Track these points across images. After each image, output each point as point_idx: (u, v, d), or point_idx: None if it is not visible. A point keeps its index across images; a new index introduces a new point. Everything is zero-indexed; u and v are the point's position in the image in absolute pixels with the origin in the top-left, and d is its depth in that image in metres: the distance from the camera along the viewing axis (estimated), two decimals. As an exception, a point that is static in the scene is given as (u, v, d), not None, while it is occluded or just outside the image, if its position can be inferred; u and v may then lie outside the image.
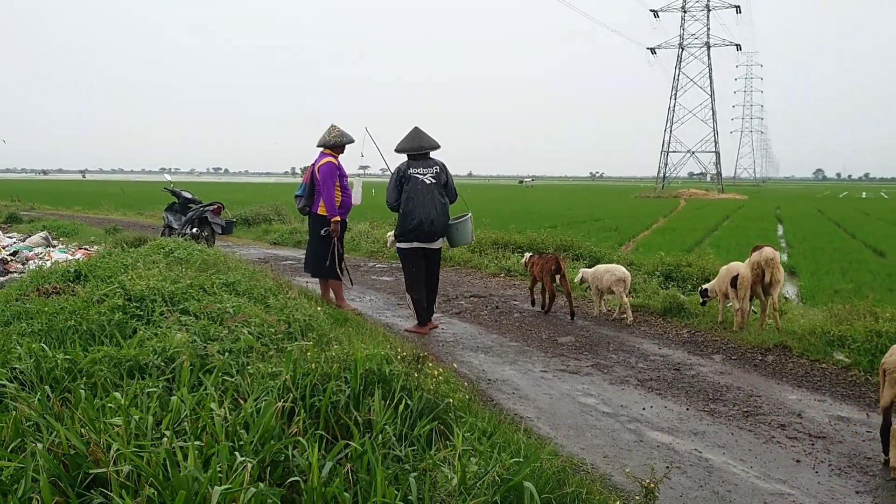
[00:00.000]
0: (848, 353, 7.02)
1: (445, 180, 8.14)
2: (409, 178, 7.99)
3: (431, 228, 7.95)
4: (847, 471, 4.64)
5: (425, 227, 7.93)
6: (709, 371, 6.84)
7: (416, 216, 7.91)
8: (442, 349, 7.43)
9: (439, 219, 8.00)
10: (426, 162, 8.10)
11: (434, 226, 7.96)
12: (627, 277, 8.98)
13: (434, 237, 8.06)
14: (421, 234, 7.98)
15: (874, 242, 23.19)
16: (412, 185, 7.96)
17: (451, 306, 9.88)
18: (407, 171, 8.02)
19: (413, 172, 8.00)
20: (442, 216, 8.04)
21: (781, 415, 5.67)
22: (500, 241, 15.06)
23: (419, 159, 8.09)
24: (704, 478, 4.47)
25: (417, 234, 7.97)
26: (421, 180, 7.96)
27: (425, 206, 7.91)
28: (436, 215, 7.95)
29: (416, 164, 8.04)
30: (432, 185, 7.98)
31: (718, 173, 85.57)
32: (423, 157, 8.11)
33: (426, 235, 7.99)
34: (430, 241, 8.09)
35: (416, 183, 7.96)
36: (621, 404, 5.83)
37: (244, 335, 4.88)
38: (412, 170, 8.01)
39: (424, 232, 7.95)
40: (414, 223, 7.93)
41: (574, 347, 7.65)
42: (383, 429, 3.60)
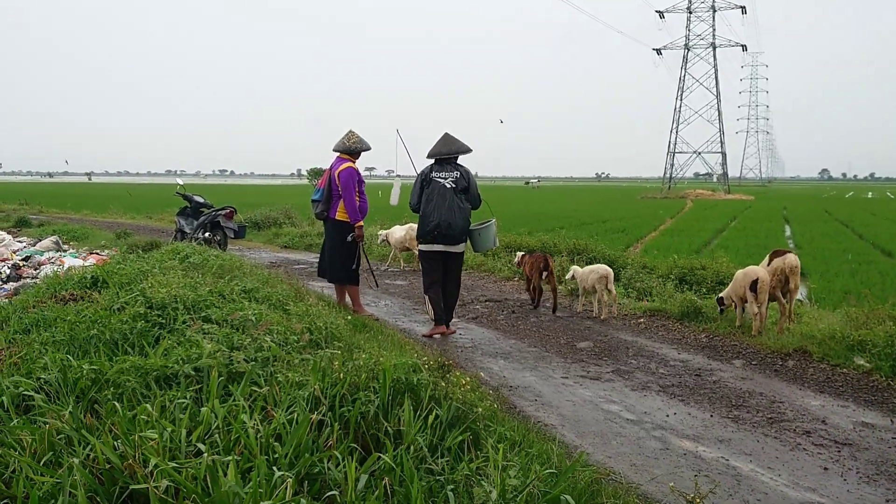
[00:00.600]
0: (869, 357, 6.97)
1: (466, 185, 8.20)
2: (430, 182, 8.14)
3: (449, 231, 8.02)
4: (876, 478, 4.60)
5: (442, 230, 8.01)
6: (730, 376, 6.80)
7: (434, 219, 8.02)
8: (461, 355, 7.40)
9: (457, 222, 8.05)
10: (449, 167, 8.23)
11: (451, 229, 8.02)
12: (609, 274, 9.42)
13: (452, 240, 8.11)
14: (438, 237, 8.07)
15: (882, 243, 23.12)
16: (432, 189, 8.10)
17: (467, 311, 9.85)
18: (429, 175, 8.19)
19: (435, 176, 8.16)
20: (460, 220, 8.09)
21: (806, 421, 5.63)
22: (512, 244, 15.03)
23: (443, 164, 8.24)
24: (733, 486, 4.43)
25: (435, 236, 8.07)
26: (441, 184, 8.09)
27: (443, 209, 8.01)
28: (453, 219, 8.02)
29: (439, 169, 8.21)
30: (452, 189, 8.08)
31: (724, 174, 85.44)
32: (447, 162, 8.25)
33: (444, 238, 8.07)
34: (450, 244, 8.15)
35: (436, 186, 8.09)
36: (644, 411, 5.79)
37: (268, 343, 4.85)
38: (434, 173, 8.18)
39: (442, 234, 8.04)
40: (431, 225, 8.04)
41: (593, 353, 7.62)
42: (415, 440, 3.57)
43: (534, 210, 40.39)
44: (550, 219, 32.09)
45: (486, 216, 8.79)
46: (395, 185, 9.88)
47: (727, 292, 8.57)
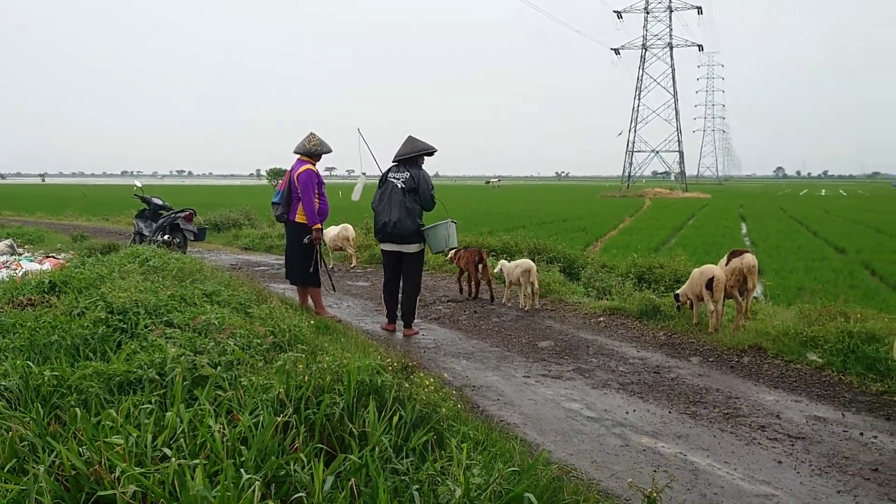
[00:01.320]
0: (821, 353, 7.17)
1: (415, 186, 8.32)
2: (384, 182, 8.40)
3: (395, 230, 8.23)
4: (827, 471, 4.75)
5: (389, 229, 8.24)
6: (688, 373, 6.95)
7: (383, 217, 8.27)
8: (425, 356, 7.46)
9: (404, 222, 8.21)
10: (404, 167, 8.39)
11: (398, 227, 8.21)
12: (532, 269, 10.02)
13: (402, 239, 8.30)
14: (386, 235, 8.31)
15: (835, 240, 23.66)
16: (384, 188, 8.35)
17: (429, 312, 9.91)
18: (386, 175, 8.42)
19: (390, 176, 8.38)
20: (407, 219, 8.24)
21: (761, 416, 5.78)
22: (472, 244, 15.08)
23: (401, 165, 8.42)
24: (691, 481, 4.55)
25: (383, 234, 8.34)
26: (393, 184, 8.31)
27: (391, 208, 8.24)
28: (398, 218, 8.19)
29: (395, 170, 8.41)
30: (401, 189, 8.27)
31: (682, 172, 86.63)
32: (405, 163, 8.41)
33: (390, 236, 8.30)
34: (400, 243, 8.35)
35: (388, 186, 8.33)
36: (605, 408, 5.90)
37: (232, 347, 4.86)
38: (391, 174, 8.40)
39: (388, 233, 8.28)
40: (379, 224, 8.34)
41: (554, 352, 7.73)
42: (380, 441, 3.61)
43: (494, 210, 40.60)
44: (511, 218, 32.29)
45: (443, 217, 8.92)
46: (358, 183, 10.03)
47: (684, 290, 8.76)
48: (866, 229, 28.88)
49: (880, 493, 4.41)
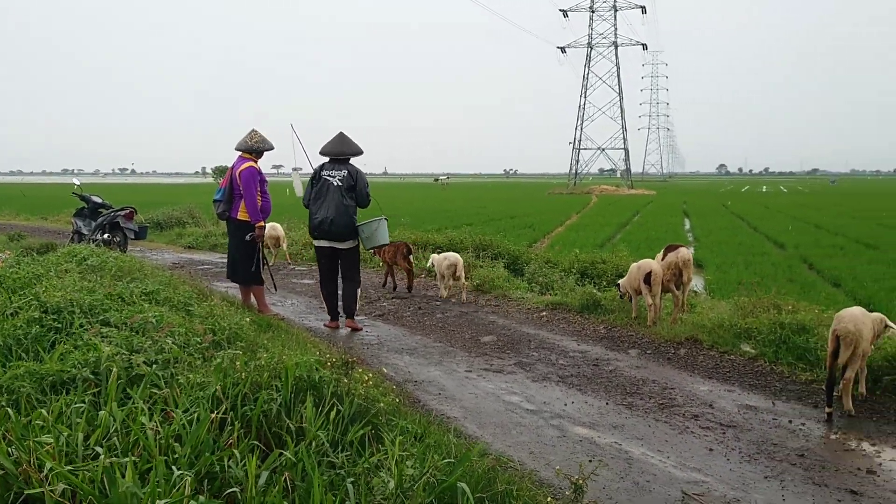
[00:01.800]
0: (754, 344, 7.39)
1: (353, 184, 8.45)
2: (319, 179, 8.45)
3: (332, 228, 8.32)
4: (756, 457, 4.92)
5: (325, 226, 8.33)
6: (626, 365, 7.10)
7: (319, 215, 8.35)
8: (367, 352, 7.49)
9: (340, 219, 8.33)
10: (339, 165, 8.49)
11: (334, 225, 8.31)
12: (458, 262, 10.43)
13: (338, 237, 8.41)
14: (323, 233, 8.38)
15: (775, 235, 24.27)
16: (320, 186, 8.42)
17: (373, 308, 9.93)
18: (320, 173, 8.49)
19: (324, 174, 8.45)
20: (344, 217, 8.36)
21: (694, 406, 5.95)
22: (419, 241, 15.15)
23: (335, 162, 8.51)
24: (625, 469, 4.67)
25: (320, 232, 8.42)
26: (329, 182, 8.39)
27: (327, 206, 8.32)
28: (335, 215, 8.30)
29: (329, 167, 8.49)
30: (338, 188, 8.36)
31: (628, 169, 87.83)
32: (340, 161, 8.52)
33: (327, 234, 8.38)
34: (336, 240, 8.46)
35: (323, 184, 8.41)
36: (544, 401, 6.01)
37: (169, 345, 4.82)
38: (324, 171, 8.47)
39: (325, 231, 8.36)
40: (316, 221, 8.40)
41: (497, 346, 7.82)
42: (316, 436, 3.64)
43: (443, 207, 40.68)
44: (460, 216, 32.41)
45: (377, 214, 9.10)
46: (294, 179, 10.10)
47: (623, 283, 8.93)
48: (805, 224, 29.68)
49: (805, 478, 4.58)
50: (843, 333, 5.63)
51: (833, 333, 5.71)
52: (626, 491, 4.35)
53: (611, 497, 4.25)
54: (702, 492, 4.35)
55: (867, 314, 5.87)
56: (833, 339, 5.70)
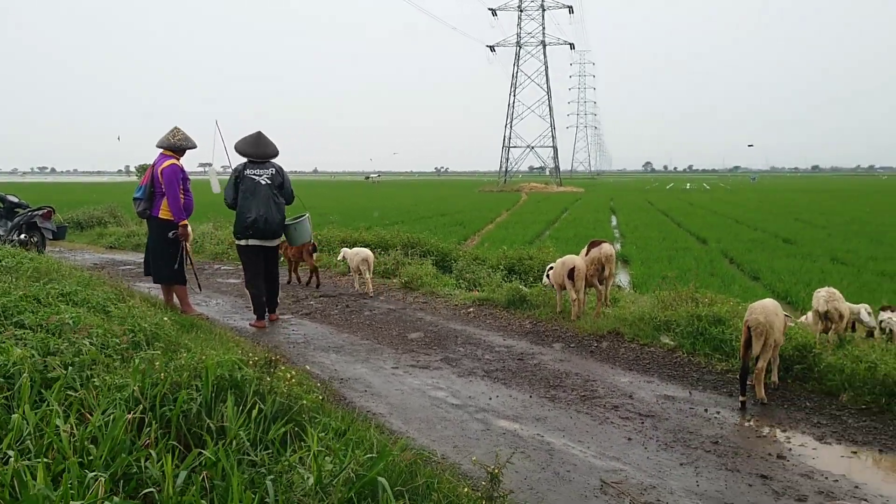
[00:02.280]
0: (673, 336, 7.62)
1: (281, 182, 8.59)
2: (245, 179, 8.44)
3: (266, 227, 8.41)
4: (672, 445, 5.08)
5: (260, 225, 8.38)
6: (550, 359, 7.23)
7: (252, 215, 8.36)
8: (293, 350, 7.45)
9: (273, 217, 8.45)
10: (264, 164, 8.56)
11: (268, 224, 8.42)
12: (370, 258, 10.85)
13: (270, 235, 8.51)
14: (256, 232, 8.41)
15: (697, 231, 24.98)
16: (248, 186, 8.41)
17: (300, 307, 9.87)
18: (244, 172, 8.47)
19: (250, 173, 8.46)
20: (277, 215, 8.50)
21: (615, 397, 6.10)
22: (348, 239, 15.11)
23: (257, 162, 8.55)
24: (546, 460, 4.77)
25: (253, 231, 8.39)
26: (257, 181, 8.43)
27: (260, 205, 8.38)
28: (270, 214, 8.41)
29: (253, 166, 8.51)
30: (268, 186, 8.45)
31: (556, 167, 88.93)
32: (262, 161, 8.59)
33: (261, 233, 8.44)
34: (267, 239, 8.54)
35: (252, 183, 8.42)
36: (469, 395, 6.08)
37: (87, 347, 4.72)
38: (249, 171, 8.48)
39: (259, 230, 8.40)
40: (249, 221, 8.37)
41: (423, 343, 7.87)
42: (237, 434, 3.63)
43: (374, 205, 40.57)
44: (390, 214, 32.41)
45: (300, 211, 9.31)
46: (211, 177, 10.04)
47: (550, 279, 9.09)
48: (726, 220, 30.61)
49: (718, 464, 4.76)
50: (754, 325, 5.86)
51: (745, 325, 5.94)
52: (547, 481, 4.44)
53: (532, 487, 4.34)
54: (620, 480, 4.47)
55: (778, 305, 6.12)
56: (746, 331, 5.93)
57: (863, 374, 5.94)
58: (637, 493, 4.28)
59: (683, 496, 4.26)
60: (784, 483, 4.47)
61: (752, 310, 5.97)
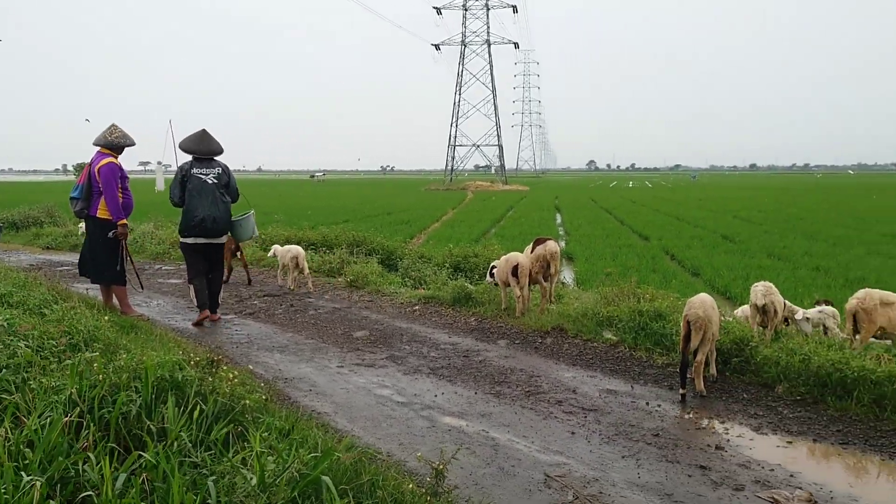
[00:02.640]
0: (615, 331, 7.74)
1: (227, 181, 8.67)
2: (192, 178, 8.46)
3: (214, 225, 8.47)
4: (615, 438, 5.16)
5: (208, 224, 8.43)
6: (495, 356, 7.28)
7: (199, 213, 8.39)
8: (236, 351, 7.37)
9: (221, 215, 8.52)
10: (210, 163, 8.60)
11: (217, 222, 8.48)
12: (300, 254, 11.00)
13: (217, 233, 8.57)
14: (204, 230, 8.45)
15: (640, 228, 25.39)
16: (195, 184, 8.44)
17: (244, 307, 9.77)
18: (190, 171, 8.48)
19: (196, 172, 8.48)
20: (224, 213, 8.58)
21: (559, 392, 6.17)
22: (292, 238, 14.98)
23: (202, 161, 8.57)
24: (491, 455, 4.80)
25: (201, 229, 8.50)
26: (203, 180, 8.46)
27: (208, 203, 8.43)
28: (218, 212, 8.48)
29: (199, 165, 8.53)
30: (215, 185, 8.50)
31: (502, 166, 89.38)
32: (207, 159, 8.62)
33: (209, 231, 8.49)
34: (215, 237, 8.59)
35: (199, 182, 8.44)
36: (415, 393, 6.09)
37: (22, 349, 4.61)
38: (195, 169, 8.49)
39: (207, 228, 8.45)
40: (197, 219, 8.42)
41: (369, 341, 7.86)
42: (179, 436, 3.58)
43: (319, 204, 40.33)
44: (336, 212, 32.24)
45: (245, 208, 9.33)
46: (158, 174, 10.00)
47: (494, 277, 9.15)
48: (667, 217, 31.16)
49: (659, 456, 4.85)
50: (693, 319, 5.98)
51: (685, 319, 6.06)
52: (492, 476, 4.48)
53: (477, 483, 4.37)
54: (563, 473, 4.53)
55: (713, 300, 6.27)
56: (685, 325, 6.05)
57: (797, 366, 6.11)
58: (580, 485, 4.35)
59: (625, 488, 4.34)
60: (722, 473, 4.58)
61: (692, 304, 6.10)
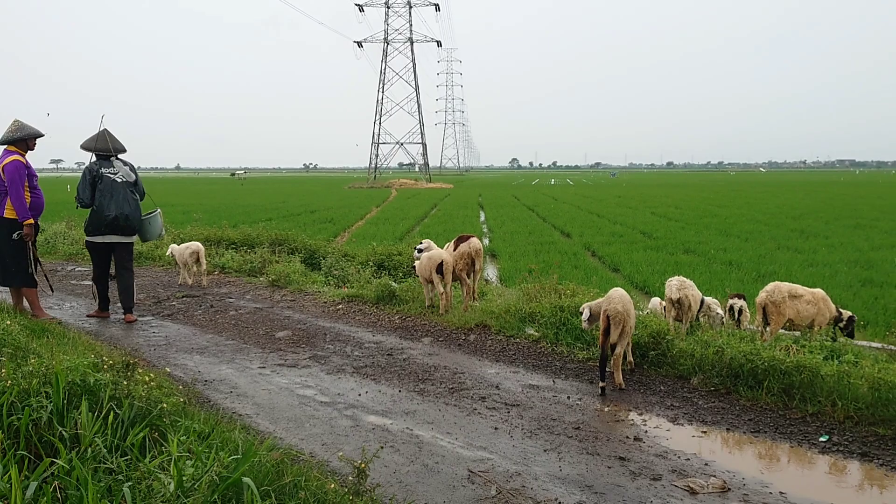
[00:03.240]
0: (537, 327, 7.84)
1: (135, 179, 8.77)
2: (101, 177, 8.48)
3: (126, 223, 8.53)
4: (537, 433, 5.23)
5: (120, 222, 8.47)
6: (419, 353, 7.30)
7: (111, 212, 8.41)
8: (154, 353, 7.19)
9: (133, 214, 8.59)
10: (116, 162, 8.66)
11: (129, 220, 8.54)
12: (200, 250, 11.19)
13: (128, 231, 8.63)
14: (116, 229, 8.59)
15: (562, 226, 25.79)
16: (105, 184, 8.46)
17: (162, 308, 9.54)
18: (99, 171, 8.49)
19: (105, 172, 8.50)
20: (135, 211, 8.66)
21: (482, 388, 6.22)
22: (212, 237, 14.69)
23: (108, 160, 8.62)
24: (415, 453, 4.81)
25: (113, 228, 8.55)
26: (113, 179, 8.51)
27: (119, 202, 8.48)
28: (129, 211, 8.54)
29: (106, 165, 8.56)
30: (124, 184, 8.57)
31: (426, 163, 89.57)
32: (110, 158, 8.66)
33: (121, 230, 8.54)
34: (126, 235, 8.65)
35: (108, 181, 8.48)
36: (338, 392, 6.06)
37: (-78, 357, 4.41)
38: (103, 169, 8.51)
39: (119, 226, 8.50)
40: (109, 218, 8.50)
41: (292, 341, 7.77)
42: (93, 441, 3.48)
43: (240, 202, 39.70)
44: (258, 211, 31.79)
45: (150, 207, 9.41)
46: None
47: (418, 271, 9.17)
48: (588, 214, 31.73)
49: (580, 448, 4.94)
50: (613, 314, 6.11)
51: (604, 314, 6.17)
52: (416, 473, 4.49)
53: (401, 480, 4.37)
54: (486, 468, 4.57)
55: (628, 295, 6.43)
56: (605, 319, 6.16)
57: (711, 358, 6.31)
58: (503, 480, 4.39)
59: (547, 481, 4.40)
60: (640, 464, 4.69)
61: (611, 300, 6.22)
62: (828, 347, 6.58)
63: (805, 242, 19.87)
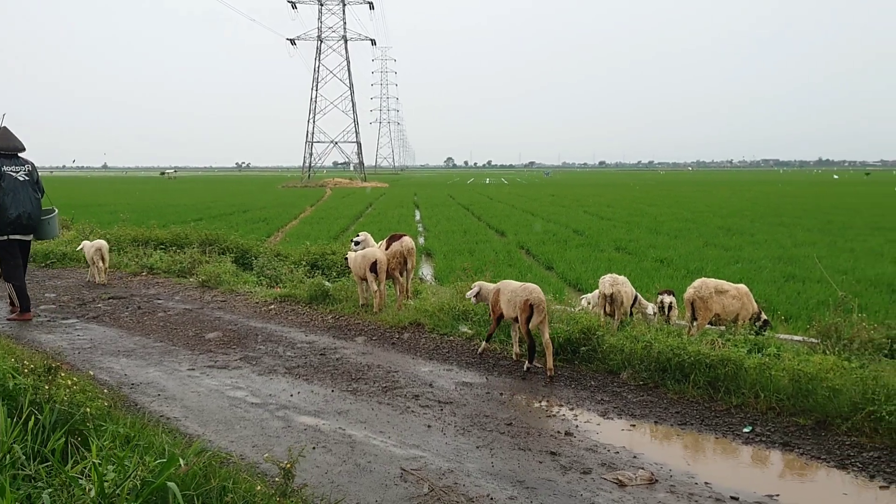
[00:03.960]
0: (471, 325, 7.88)
1: (37, 178, 8.79)
2: (3, 176, 8.42)
3: (29, 221, 8.69)
4: (470, 429, 5.25)
5: (23, 220, 8.60)
6: (352, 353, 7.26)
7: (15, 210, 8.50)
8: (78, 356, 6.99)
9: (35, 212, 8.77)
10: (17, 160, 8.63)
11: (31, 219, 8.71)
12: (104, 247, 11.41)
13: (31, 230, 8.69)
14: (19, 227, 8.61)
15: (497, 224, 25.95)
16: (8, 182, 8.42)
17: (87, 310, 9.29)
18: (2, 169, 8.45)
19: (7, 170, 8.46)
20: (37, 209, 8.70)
21: (416, 386, 6.22)
22: (140, 237, 14.36)
23: (7, 157, 8.55)
24: (348, 453, 4.78)
25: (17, 226, 8.56)
26: (15, 177, 8.49)
27: (23, 201, 8.51)
28: (32, 209, 8.63)
29: (8, 163, 8.51)
30: (26, 183, 8.58)
31: (361, 163, 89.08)
32: (12, 156, 8.61)
33: (24, 228, 8.57)
34: (29, 233, 8.71)
35: (11, 180, 8.45)
36: (270, 393, 5.98)
37: None
38: (5, 167, 8.46)
39: (23, 225, 8.52)
40: (13, 217, 8.50)
41: (222, 342, 7.65)
42: (11, 448, 3.36)
43: (170, 202, 38.90)
44: (188, 211, 31.20)
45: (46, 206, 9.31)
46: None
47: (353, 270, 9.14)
48: (523, 213, 32.01)
49: (512, 444, 4.98)
50: (536, 301, 6.45)
51: (526, 302, 6.47)
52: (348, 473, 4.46)
53: (332, 481, 4.34)
54: (419, 466, 4.57)
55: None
56: (527, 307, 6.46)
57: (640, 352, 6.44)
58: (436, 477, 4.39)
59: (479, 477, 4.42)
60: (571, 458, 4.76)
61: (530, 290, 6.57)
62: (751, 341, 6.77)
63: (731, 240, 20.40)
